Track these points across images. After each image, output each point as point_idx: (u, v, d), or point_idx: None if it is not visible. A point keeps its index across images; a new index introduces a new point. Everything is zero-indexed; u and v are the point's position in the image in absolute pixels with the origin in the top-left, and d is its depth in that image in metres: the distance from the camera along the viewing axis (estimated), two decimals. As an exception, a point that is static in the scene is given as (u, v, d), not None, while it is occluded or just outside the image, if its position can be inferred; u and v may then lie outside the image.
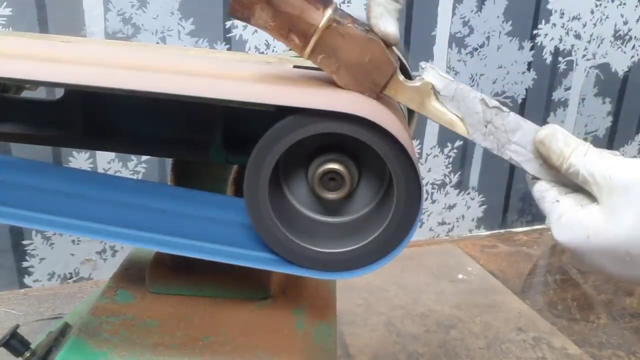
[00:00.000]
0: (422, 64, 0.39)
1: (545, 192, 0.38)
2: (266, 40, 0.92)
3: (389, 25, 0.37)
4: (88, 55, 0.38)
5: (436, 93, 0.38)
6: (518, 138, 0.39)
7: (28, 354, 0.47)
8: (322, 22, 0.36)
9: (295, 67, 0.39)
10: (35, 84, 0.46)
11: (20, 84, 0.49)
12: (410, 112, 0.48)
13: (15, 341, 0.47)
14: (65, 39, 0.49)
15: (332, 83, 0.37)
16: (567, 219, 0.36)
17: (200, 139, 0.46)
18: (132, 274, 0.49)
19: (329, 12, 0.36)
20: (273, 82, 0.37)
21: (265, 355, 0.41)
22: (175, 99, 0.36)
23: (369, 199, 0.41)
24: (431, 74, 0.38)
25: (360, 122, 0.35)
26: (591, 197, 0.36)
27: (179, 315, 0.44)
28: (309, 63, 0.39)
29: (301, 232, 0.39)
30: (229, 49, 0.91)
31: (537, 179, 0.39)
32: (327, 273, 0.39)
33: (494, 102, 0.38)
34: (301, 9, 0.36)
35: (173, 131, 0.47)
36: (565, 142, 0.37)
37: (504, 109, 0.39)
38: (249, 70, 0.38)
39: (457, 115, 0.38)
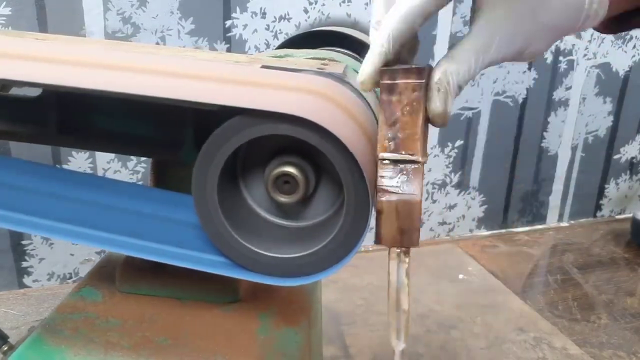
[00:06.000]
0: None
1: None
2: (266, 40, 0.92)
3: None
4: (54, 53, 0.38)
5: None
6: None
7: (6, 348, 0.48)
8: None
9: (263, 67, 0.38)
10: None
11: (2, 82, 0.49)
12: None
13: None
14: (42, 36, 0.49)
15: (294, 83, 0.36)
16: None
17: (173, 138, 0.46)
18: (106, 272, 0.49)
19: None
20: (224, 81, 0.36)
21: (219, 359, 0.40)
22: (114, 96, 0.35)
23: (328, 205, 0.40)
24: None
25: (306, 125, 0.34)
26: None
27: (143, 316, 0.44)
28: (280, 63, 0.38)
29: (253, 235, 0.38)
30: (228, 49, 0.91)
31: None
32: (272, 278, 0.38)
33: None
34: None
35: (146, 130, 0.47)
36: None
37: None
38: (209, 69, 0.37)
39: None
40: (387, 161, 0.35)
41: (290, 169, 0.37)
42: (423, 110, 0.34)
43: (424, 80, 0.34)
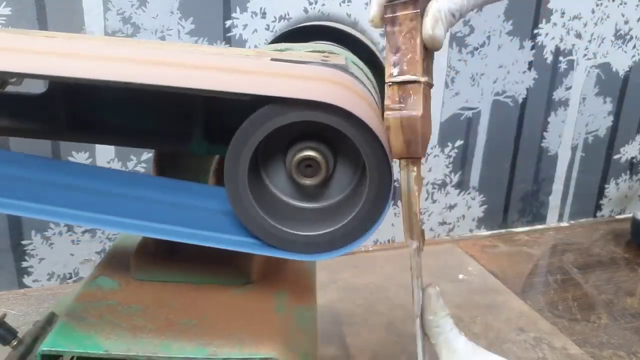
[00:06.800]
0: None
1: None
2: (266, 40, 0.92)
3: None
4: (66, 48, 0.38)
5: None
6: None
7: (15, 342, 0.48)
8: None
9: (272, 59, 0.40)
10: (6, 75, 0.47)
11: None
12: None
13: (2, 330, 0.49)
14: (51, 34, 0.49)
15: (311, 74, 0.39)
16: None
17: (182, 130, 0.47)
18: (117, 262, 0.50)
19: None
20: (248, 72, 0.38)
21: (246, 337, 0.42)
22: (147, 88, 0.36)
23: (345, 184, 0.42)
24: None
25: (334, 111, 0.37)
26: None
27: (162, 301, 0.45)
28: (286, 56, 0.40)
29: (280, 216, 0.41)
30: (228, 49, 0.91)
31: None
32: (304, 255, 0.41)
33: None
34: None
35: (155, 123, 0.48)
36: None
37: None
38: (226, 62, 0.39)
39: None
40: (392, 84, 0.39)
41: (312, 153, 0.40)
42: (420, 36, 0.39)
43: (418, 10, 0.39)
